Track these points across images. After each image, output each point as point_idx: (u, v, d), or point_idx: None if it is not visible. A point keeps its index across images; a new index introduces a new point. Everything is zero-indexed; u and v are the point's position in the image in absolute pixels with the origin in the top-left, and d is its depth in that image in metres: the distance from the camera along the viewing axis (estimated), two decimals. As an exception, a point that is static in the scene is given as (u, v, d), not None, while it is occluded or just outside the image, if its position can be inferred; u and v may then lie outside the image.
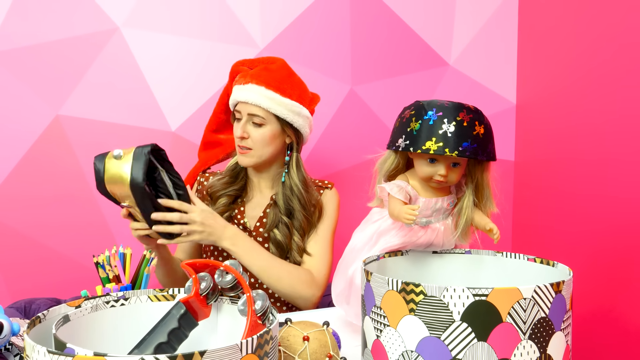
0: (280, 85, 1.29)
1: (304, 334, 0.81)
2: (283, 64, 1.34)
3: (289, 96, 1.29)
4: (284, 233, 1.32)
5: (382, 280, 0.74)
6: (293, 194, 1.32)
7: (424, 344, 0.69)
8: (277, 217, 1.33)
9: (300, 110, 1.30)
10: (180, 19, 1.67)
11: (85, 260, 1.62)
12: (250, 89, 1.27)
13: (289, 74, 1.33)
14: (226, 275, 0.74)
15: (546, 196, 1.74)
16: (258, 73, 1.30)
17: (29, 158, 1.60)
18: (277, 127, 1.30)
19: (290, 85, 1.30)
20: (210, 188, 1.37)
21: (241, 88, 1.29)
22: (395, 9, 1.81)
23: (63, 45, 1.60)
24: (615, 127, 1.44)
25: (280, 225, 1.33)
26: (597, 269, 1.50)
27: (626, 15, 1.39)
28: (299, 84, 1.33)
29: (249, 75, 1.30)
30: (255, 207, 1.38)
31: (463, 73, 1.88)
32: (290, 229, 1.33)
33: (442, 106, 0.90)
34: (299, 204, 1.32)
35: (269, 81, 1.28)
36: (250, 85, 1.28)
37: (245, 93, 1.28)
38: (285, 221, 1.32)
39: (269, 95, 1.27)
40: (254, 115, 1.28)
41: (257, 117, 1.28)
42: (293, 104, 1.29)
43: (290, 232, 1.33)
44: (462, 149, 0.87)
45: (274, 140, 1.31)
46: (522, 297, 0.68)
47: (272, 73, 1.30)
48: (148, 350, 0.66)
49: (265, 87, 1.27)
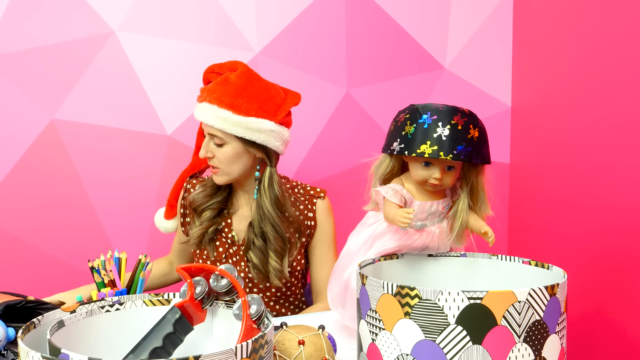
0: (234, 102, 1.20)
1: (299, 337, 0.81)
2: (243, 71, 1.24)
3: (244, 112, 1.19)
4: (259, 257, 1.27)
5: (377, 283, 0.74)
6: (264, 218, 1.25)
7: (419, 348, 0.69)
8: (250, 240, 1.28)
9: (260, 125, 1.20)
10: (175, 22, 1.68)
11: (81, 265, 1.61)
12: (204, 109, 1.21)
13: (247, 84, 1.22)
14: (221, 280, 0.74)
15: (541, 199, 1.74)
16: (213, 89, 1.22)
17: (24, 162, 1.59)
18: (239, 145, 1.23)
19: (246, 99, 1.21)
20: (193, 202, 1.32)
21: (198, 106, 1.23)
22: (390, 12, 1.82)
23: (58, 49, 1.60)
24: (610, 129, 1.44)
25: (254, 248, 1.27)
26: (592, 271, 1.50)
27: (622, 19, 1.40)
28: (258, 95, 1.22)
29: (205, 92, 1.23)
30: (242, 220, 1.33)
31: (458, 76, 1.88)
32: (264, 253, 1.27)
33: (437, 110, 0.90)
34: (272, 228, 1.26)
35: (222, 98, 1.20)
36: (204, 104, 1.21)
37: (200, 112, 1.22)
38: (258, 245, 1.27)
39: (221, 115, 1.19)
40: (213, 135, 1.22)
41: (216, 138, 1.22)
42: (249, 121, 1.19)
43: (266, 255, 1.27)
44: (456, 153, 0.88)
45: (239, 158, 1.24)
46: (517, 300, 0.68)
47: (227, 87, 1.21)
48: (143, 355, 0.66)
49: (218, 106, 1.19)
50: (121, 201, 1.66)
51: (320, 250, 1.35)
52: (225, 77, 1.23)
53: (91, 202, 1.63)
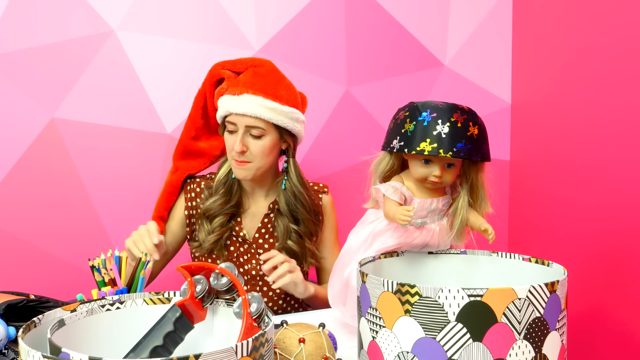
0: (278, 92, 1.21)
1: (299, 335, 0.81)
2: (272, 66, 1.27)
3: (286, 103, 1.22)
4: (298, 242, 1.30)
5: (377, 281, 0.74)
6: (297, 199, 1.29)
7: (419, 345, 0.69)
8: (288, 228, 1.29)
9: (298, 115, 1.25)
10: (175, 21, 1.67)
11: (81, 264, 1.61)
12: (247, 100, 1.19)
13: (281, 77, 1.26)
14: (221, 278, 0.74)
15: (541, 196, 1.74)
16: (251, 80, 1.21)
17: (24, 161, 1.59)
18: (276, 136, 1.24)
19: (285, 91, 1.23)
20: (207, 211, 1.29)
21: (235, 99, 1.20)
22: (390, 10, 1.82)
23: (58, 49, 1.60)
24: (610, 126, 1.44)
25: (292, 235, 1.30)
26: (592, 268, 1.50)
27: (622, 16, 1.40)
28: (291, 88, 1.27)
29: (241, 84, 1.21)
30: (253, 218, 1.34)
31: (458, 73, 1.88)
32: (302, 237, 1.31)
33: (436, 107, 0.90)
34: (304, 208, 1.30)
35: (266, 89, 1.20)
36: (245, 95, 1.19)
37: (241, 105, 1.19)
38: (295, 229, 1.30)
39: (268, 106, 1.19)
40: (252, 127, 1.20)
41: (256, 129, 1.21)
42: (292, 111, 1.23)
43: (302, 240, 1.31)
44: (456, 150, 0.88)
45: (273, 150, 1.25)
46: (517, 297, 0.68)
47: (266, 79, 1.22)
48: (144, 353, 0.66)
49: (264, 97, 1.19)
50: (121, 200, 1.66)
51: (327, 243, 1.40)
52: (256, 71, 1.23)
53: (91, 201, 1.63)
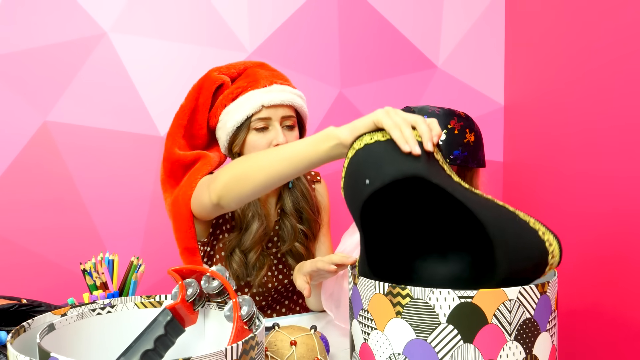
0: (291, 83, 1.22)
1: (291, 338, 0.81)
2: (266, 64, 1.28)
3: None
4: (304, 243, 1.26)
5: (369, 283, 0.74)
6: (305, 198, 1.26)
7: (411, 347, 0.69)
8: (295, 227, 1.24)
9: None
10: (168, 23, 1.67)
11: (73, 267, 1.61)
12: (280, 89, 1.16)
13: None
14: (213, 282, 0.74)
15: (534, 196, 1.75)
16: (271, 73, 1.20)
17: (17, 164, 1.59)
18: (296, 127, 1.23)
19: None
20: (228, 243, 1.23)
21: (267, 91, 1.15)
22: (383, 12, 1.82)
23: (51, 51, 1.60)
24: (602, 127, 1.45)
25: (300, 237, 1.25)
26: (583, 269, 1.51)
27: (615, 18, 1.41)
28: None
29: (263, 78, 1.18)
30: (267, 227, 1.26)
31: (451, 75, 1.89)
32: (308, 236, 1.27)
33: (433, 113, 0.90)
34: (309, 208, 1.26)
35: (286, 79, 1.20)
36: (276, 85, 1.16)
37: (277, 94, 1.15)
38: (302, 229, 1.25)
39: (298, 94, 1.19)
40: (287, 117, 1.17)
41: (290, 119, 1.18)
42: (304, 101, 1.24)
43: (307, 240, 1.27)
44: (452, 157, 0.88)
45: None
46: (507, 299, 0.68)
47: (277, 71, 1.22)
48: (134, 357, 0.66)
49: (289, 86, 1.18)
50: (114, 202, 1.66)
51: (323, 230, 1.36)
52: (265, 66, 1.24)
53: (84, 204, 1.63)
